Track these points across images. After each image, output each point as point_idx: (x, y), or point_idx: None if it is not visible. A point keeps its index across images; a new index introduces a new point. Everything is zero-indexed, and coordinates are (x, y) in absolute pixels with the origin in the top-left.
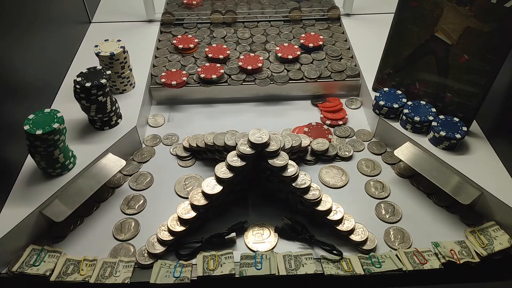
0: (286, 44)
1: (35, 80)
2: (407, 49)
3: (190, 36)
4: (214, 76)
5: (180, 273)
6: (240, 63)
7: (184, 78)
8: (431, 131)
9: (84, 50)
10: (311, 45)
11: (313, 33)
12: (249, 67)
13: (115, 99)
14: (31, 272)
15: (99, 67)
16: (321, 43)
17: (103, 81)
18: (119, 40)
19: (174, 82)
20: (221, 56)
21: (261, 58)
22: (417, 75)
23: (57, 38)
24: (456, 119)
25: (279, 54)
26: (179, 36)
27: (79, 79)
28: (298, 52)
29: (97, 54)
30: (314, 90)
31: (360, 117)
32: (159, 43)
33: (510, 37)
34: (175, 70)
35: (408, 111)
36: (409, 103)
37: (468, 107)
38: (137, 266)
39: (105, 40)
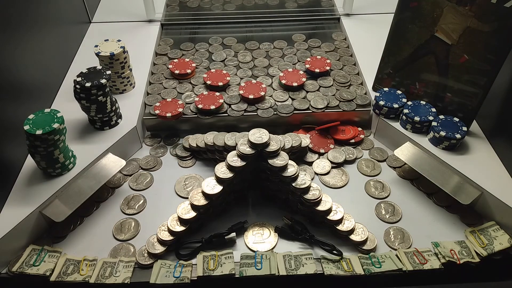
0: (290, 70)
1: (35, 80)
2: (407, 49)
3: (188, 60)
4: (212, 107)
5: (180, 273)
6: (241, 92)
7: (180, 109)
8: (431, 131)
9: (84, 50)
10: (317, 70)
11: (319, 57)
12: (251, 96)
13: (115, 99)
14: (31, 272)
15: (99, 67)
16: (328, 68)
17: (103, 81)
18: (119, 40)
19: (169, 114)
20: (220, 83)
21: (263, 85)
22: (417, 75)
23: (57, 38)
24: (456, 119)
25: (283, 81)
26: (175, 60)
27: (79, 79)
28: (304, 79)
29: (97, 54)
30: (321, 120)
31: None
32: (153, 67)
33: (510, 37)
34: (170, 99)
35: (408, 111)
36: (409, 103)
37: (468, 107)
38: (137, 266)
39: (105, 40)
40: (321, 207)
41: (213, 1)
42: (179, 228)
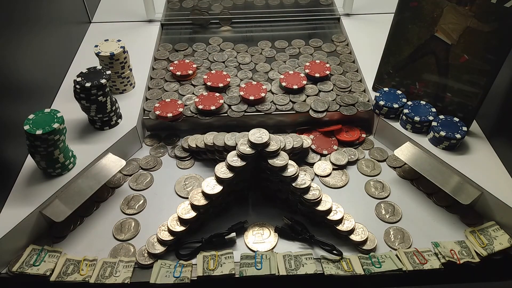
0: (291, 72)
1: (35, 80)
2: (407, 49)
3: (188, 61)
4: (213, 107)
5: (180, 273)
6: (242, 93)
7: (180, 109)
8: (431, 131)
9: (84, 50)
10: (317, 75)
11: (318, 61)
12: (251, 97)
13: (115, 99)
14: (31, 272)
15: (99, 67)
16: (328, 72)
17: (103, 81)
18: (119, 40)
19: (170, 115)
20: (220, 85)
21: (264, 87)
22: (417, 75)
23: (57, 38)
24: (456, 119)
25: (284, 84)
26: (175, 62)
27: (79, 79)
28: (304, 82)
29: (97, 54)
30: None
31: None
32: (152, 71)
33: (510, 37)
34: (169, 100)
35: (408, 111)
36: (409, 103)
37: (468, 107)
38: (137, 266)
39: (105, 40)
40: (321, 207)
41: (213, 1)
42: (179, 228)
